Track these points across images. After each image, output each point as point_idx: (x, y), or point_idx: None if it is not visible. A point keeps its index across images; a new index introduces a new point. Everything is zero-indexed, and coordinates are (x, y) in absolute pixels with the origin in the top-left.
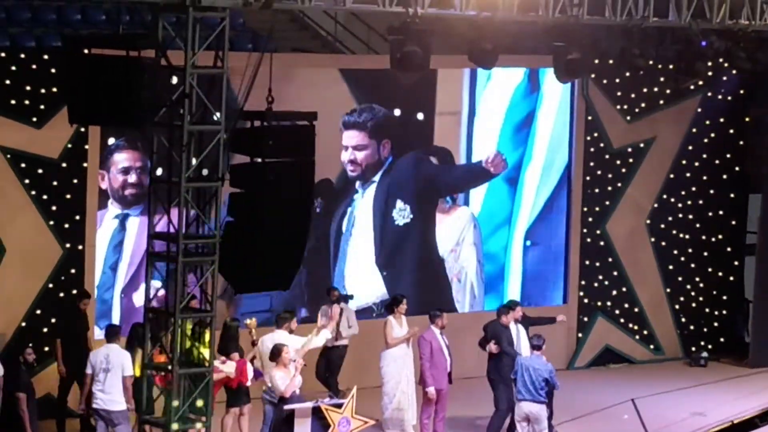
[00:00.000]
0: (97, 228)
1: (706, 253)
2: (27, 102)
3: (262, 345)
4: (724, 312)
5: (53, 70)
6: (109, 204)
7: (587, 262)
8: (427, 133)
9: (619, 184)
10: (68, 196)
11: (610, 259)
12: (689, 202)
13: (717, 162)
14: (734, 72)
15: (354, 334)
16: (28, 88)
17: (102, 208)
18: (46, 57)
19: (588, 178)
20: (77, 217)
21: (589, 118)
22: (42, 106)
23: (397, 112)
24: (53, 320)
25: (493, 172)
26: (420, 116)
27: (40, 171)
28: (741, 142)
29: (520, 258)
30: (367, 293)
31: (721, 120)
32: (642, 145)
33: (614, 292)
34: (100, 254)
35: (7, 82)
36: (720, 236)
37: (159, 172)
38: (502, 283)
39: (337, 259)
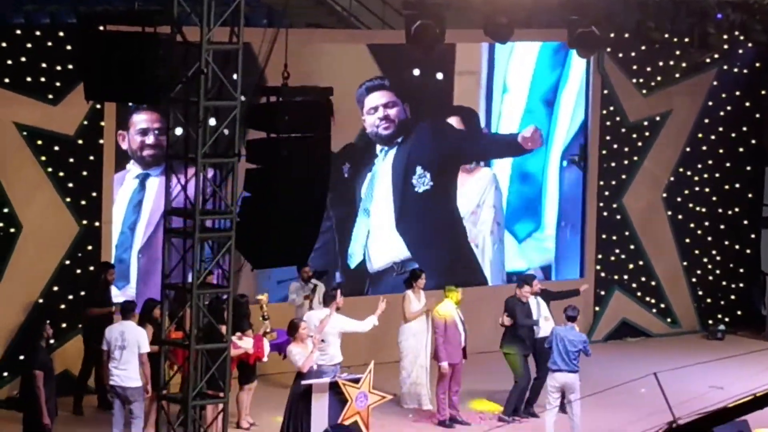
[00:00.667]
0: (119, 188)
1: (722, 226)
2: (42, 79)
3: (308, 321)
4: (741, 285)
5: (68, 47)
6: (130, 164)
7: (604, 236)
8: (447, 93)
9: (636, 158)
10: (84, 173)
11: (626, 233)
12: (705, 176)
13: (733, 135)
14: (750, 45)
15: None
16: (43, 65)
17: (123, 168)
18: (61, 34)
19: (604, 151)
20: (94, 194)
21: (605, 92)
22: (58, 83)
23: (416, 72)
24: (70, 297)
25: (529, 147)
26: (439, 76)
27: (56, 148)
28: (757, 115)
29: (556, 178)
30: (390, 255)
31: (737, 93)
32: (658, 118)
33: (631, 266)
34: (119, 214)
35: (23, 59)
36: (736, 209)
37: (178, 131)
38: (539, 204)
39: (357, 222)
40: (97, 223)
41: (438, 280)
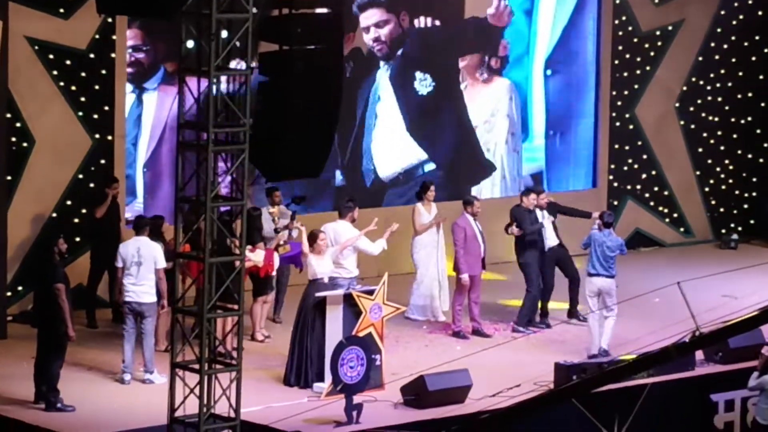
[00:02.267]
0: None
1: (735, 135)
2: None
3: (327, 233)
4: (754, 194)
5: None
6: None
7: (617, 146)
8: (458, 3)
9: (648, 68)
10: (96, 87)
11: (639, 143)
12: (718, 85)
13: (746, 44)
14: None
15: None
16: None
17: None
18: None
19: (617, 61)
20: (106, 108)
21: (617, 1)
22: None
23: None
24: (84, 211)
25: (500, 25)
26: None
27: (68, 62)
28: None
29: (541, 88)
30: (397, 164)
31: (750, 1)
32: (671, 27)
33: (644, 176)
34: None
35: None
36: (749, 118)
37: (190, 44)
38: (526, 113)
39: (363, 134)
40: (109, 137)
41: (449, 187)
